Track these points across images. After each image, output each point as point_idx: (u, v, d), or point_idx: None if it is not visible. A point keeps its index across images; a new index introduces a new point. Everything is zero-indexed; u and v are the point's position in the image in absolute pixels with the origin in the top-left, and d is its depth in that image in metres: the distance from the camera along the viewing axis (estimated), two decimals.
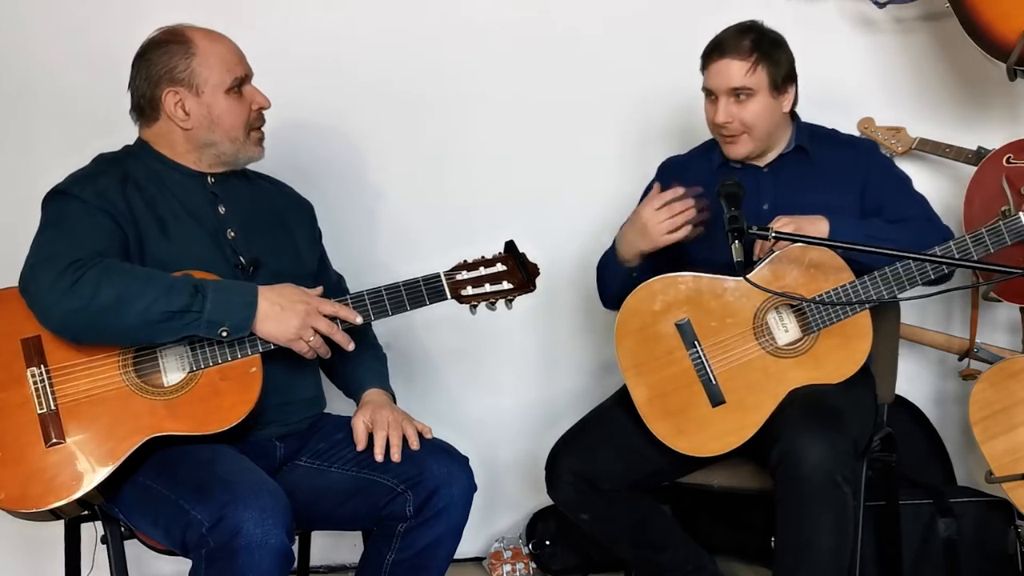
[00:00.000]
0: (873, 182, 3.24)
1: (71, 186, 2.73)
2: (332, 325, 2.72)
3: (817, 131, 3.36)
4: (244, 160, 2.90)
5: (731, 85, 3.15)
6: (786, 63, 3.19)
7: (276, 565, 2.45)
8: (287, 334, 2.68)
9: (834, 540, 2.85)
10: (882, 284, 2.99)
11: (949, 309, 4.18)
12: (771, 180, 3.27)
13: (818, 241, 2.98)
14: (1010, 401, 3.16)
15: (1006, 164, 3.66)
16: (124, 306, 2.55)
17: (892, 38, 4.12)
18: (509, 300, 2.90)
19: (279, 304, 2.67)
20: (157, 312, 2.56)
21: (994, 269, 3.02)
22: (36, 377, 2.61)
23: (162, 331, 2.59)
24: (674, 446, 3.06)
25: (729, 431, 3.03)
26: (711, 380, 3.06)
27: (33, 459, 2.56)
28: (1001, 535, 3.58)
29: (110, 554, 2.73)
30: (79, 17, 3.75)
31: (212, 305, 2.60)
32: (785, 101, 3.22)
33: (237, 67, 2.82)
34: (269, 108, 2.91)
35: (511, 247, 2.93)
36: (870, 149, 3.37)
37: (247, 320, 2.64)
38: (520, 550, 3.99)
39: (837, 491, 2.82)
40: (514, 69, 4.00)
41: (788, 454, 2.83)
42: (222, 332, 2.61)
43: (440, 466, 2.80)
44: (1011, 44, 3.47)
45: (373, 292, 2.82)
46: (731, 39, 3.17)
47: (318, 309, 2.71)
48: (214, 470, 2.57)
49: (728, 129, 3.20)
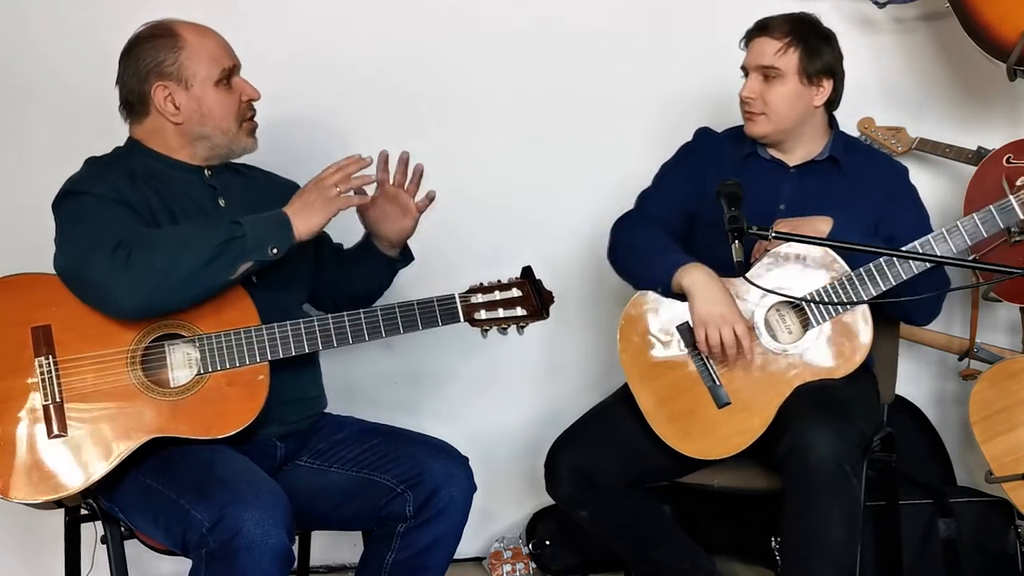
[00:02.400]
0: (894, 210, 3.21)
1: (79, 185, 2.74)
2: (340, 173, 2.75)
3: (854, 143, 3.36)
4: (239, 151, 2.90)
5: (761, 63, 3.15)
6: (827, 57, 3.16)
7: (276, 565, 2.46)
8: (324, 217, 2.73)
9: (844, 531, 2.86)
10: (878, 276, 2.99)
11: (949, 309, 4.16)
12: (795, 183, 3.25)
13: (817, 241, 2.98)
14: (1010, 401, 3.17)
15: (1006, 164, 3.66)
16: (180, 260, 2.58)
17: (892, 38, 4.13)
18: (521, 327, 2.93)
19: (299, 208, 2.72)
20: (208, 250, 2.59)
21: (994, 269, 3.03)
22: (43, 367, 2.60)
23: (218, 268, 2.61)
24: (682, 450, 3.06)
25: (736, 432, 3.04)
26: (715, 382, 3.06)
27: (35, 450, 2.57)
28: (1001, 535, 3.59)
29: (110, 554, 2.73)
30: (79, 17, 3.75)
31: (251, 230, 2.64)
32: (817, 95, 3.18)
33: (224, 59, 2.82)
34: (259, 99, 2.90)
35: (528, 272, 2.94)
36: (901, 175, 3.31)
37: (287, 229, 2.69)
38: (520, 550, 3.99)
39: (846, 482, 2.83)
40: (519, 67, 4.00)
41: (796, 445, 2.83)
42: (272, 250, 2.66)
43: (440, 466, 2.81)
44: (1011, 44, 3.47)
45: (386, 309, 2.82)
46: (775, 20, 3.18)
47: (324, 181, 2.74)
48: (214, 470, 2.57)
49: (750, 105, 3.19)
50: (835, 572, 2.88)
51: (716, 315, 2.99)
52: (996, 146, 3.75)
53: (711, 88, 3.26)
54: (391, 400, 3.88)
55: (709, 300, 3.00)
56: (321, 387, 3.05)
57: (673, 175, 3.39)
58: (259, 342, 2.71)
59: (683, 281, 3.06)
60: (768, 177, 3.22)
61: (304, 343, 2.76)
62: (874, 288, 2.99)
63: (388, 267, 3.10)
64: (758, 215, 2.94)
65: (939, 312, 3.22)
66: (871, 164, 3.30)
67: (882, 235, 3.17)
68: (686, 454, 3.07)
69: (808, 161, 3.26)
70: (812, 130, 3.24)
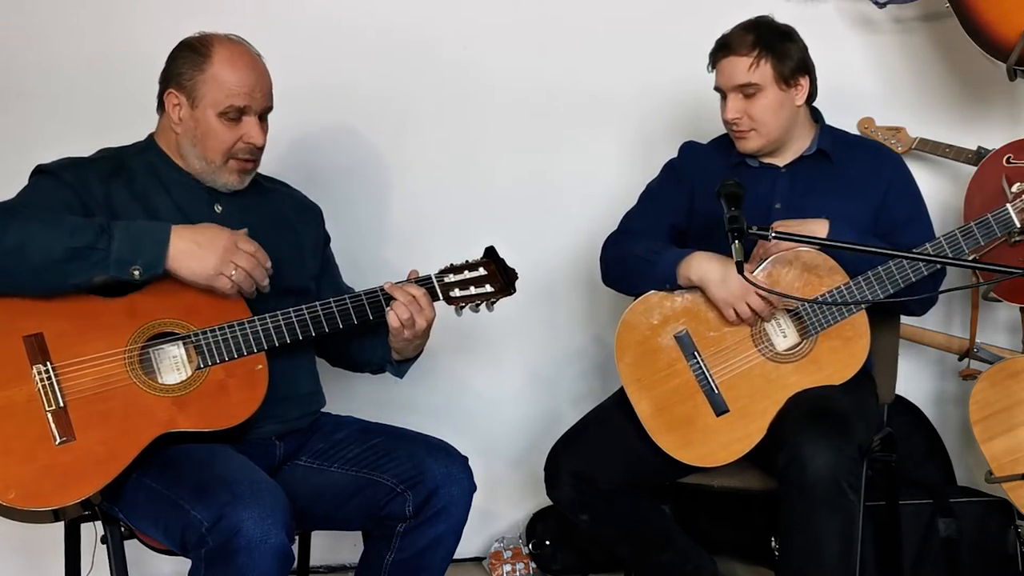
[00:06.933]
0: (891, 200, 3.21)
1: (53, 165, 2.77)
2: (253, 260, 2.71)
3: (842, 136, 3.34)
4: (220, 183, 2.87)
5: (736, 82, 3.14)
6: (796, 55, 3.15)
7: (276, 565, 2.46)
8: (206, 270, 2.66)
9: (840, 546, 2.86)
10: (876, 284, 2.99)
11: (949, 309, 4.19)
12: (788, 181, 3.25)
13: (816, 241, 2.97)
14: (1010, 401, 3.17)
15: (1006, 164, 3.67)
16: (28, 246, 2.55)
17: (892, 38, 4.14)
18: (492, 303, 2.97)
19: (195, 242, 2.66)
20: (60, 250, 2.55)
21: (994, 269, 3.02)
22: (42, 375, 2.59)
23: (69, 271, 2.57)
24: (682, 459, 3.07)
25: (735, 439, 3.04)
26: (713, 390, 3.07)
27: (44, 457, 2.55)
28: (1001, 535, 3.59)
29: (110, 554, 2.72)
30: (81, 22, 3.77)
31: (120, 244, 2.59)
32: (797, 94, 3.17)
33: (240, 97, 2.80)
34: (261, 146, 2.88)
35: (491, 252, 2.99)
36: (896, 163, 3.30)
37: (159, 258, 2.62)
38: (520, 550, 4.00)
39: (843, 498, 2.82)
40: (515, 70, 4.03)
41: (794, 460, 2.83)
42: (133, 271, 2.61)
43: (440, 466, 2.81)
44: (1011, 44, 3.48)
45: (370, 293, 2.87)
46: (735, 37, 3.16)
47: (237, 244, 2.70)
48: (214, 470, 2.57)
49: (738, 125, 3.18)
50: None
51: (736, 293, 3.02)
52: (996, 146, 3.77)
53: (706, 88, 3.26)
54: (390, 400, 3.88)
55: (723, 283, 3.03)
56: (318, 383, 3.05)
57: (660, 191, 3.41)
58: (253, 333, 2.73)
59: (691, 274, 3.08)
60: (760, 180, 3.22)
61: (297, 330, 2.79)
62: (871, 295, 2.99)
63: (384, 355, 3.07)
64: (755, 218, 2.95)
65: (936, 302, 3.21)
66: (863, 153, 3.30)
67: (881, 228, 3.18)
68: (688, 463, 3.07)
69: (798, 158, 3.26)
70: (799, 129, 3.25)
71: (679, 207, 3.34)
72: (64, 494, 2.55)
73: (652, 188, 3.42)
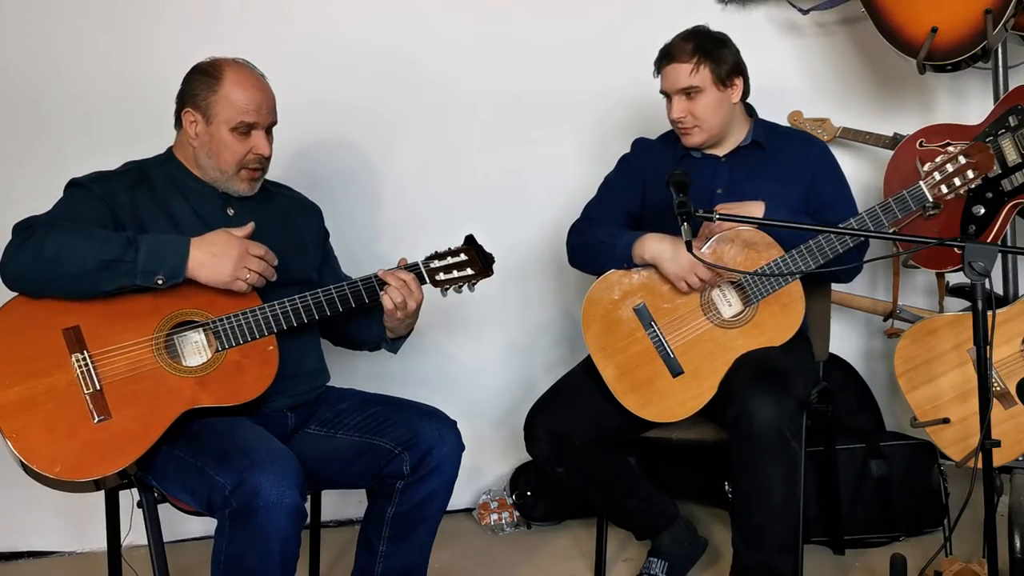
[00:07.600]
0: (819, 182, 3.23)
1: (84, 179, 2.78)
2: (263, 263, 2.75)
3: (773, 128, 3.34)
4: (232, 191, 2.89)
5: (679, 86, 3.16)
6: (730, 59, 3.16)
7: (291, 521, 2.48)
8: (223, 277, 2.69)
9: (785, 488, 2.88)
10: (808, 256, 3.01)
11: (873, 276, 4.21)
12: (727, 169, 3.25)
13: (755, 220, 3.00)
14: (930, 355, 3.17)
15: (919, 147, 3.69)
16: (65, 257, 2.58)
17: (816, 40, 4.15)
18: (472, 284, 2.98)
19: (211, 252, 2.69)
20: (92, 262, 2.58)
21: (911, 239, 3.07)
22: (80, 362, 2.61)
23: (102, 280, 2.60)
24: (644, 416, 3.08)
25: (690, 397, 3.06)
26: (669, 354, 3.08)
27: (85, 434, 2.56)
28: (926, 473, 3.59)
29: (146, 517, 2.73)
30: (103, 50, 3.75)
31: (145, 256, 2.62)
32: (734, 93, 3.19)
33: (249, 114, 2.81)
34: (268, 156, 2.89)
35: (471, 240, 3.00)
36: (821, 150, 3.31)
37: (179, 268, 2.65)
38: (505, 501, 4.00)
39: (787, 446, 2.84)
40: (487, 82, 4.03)
41: (743, 414, 2.85)
42: (158, 280, 2.64)
43: (431, 429, 2.83)
44: (920, 42, 3.50)
45: (365, 279, 2.87)
46: (676, 45, 3.17)
47: (248, 251, 2.73)
48: (234, 439, 2.59)
49: (683, 123, 3.20)
50: (780, 520, 2.91)
51: (686, 268, 3.03)
52: (910, 132, 3.77)
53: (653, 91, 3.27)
54: (386, 373, 3.88)
55: (673, 260, 3.04)
56: (323, 361, 3.06)
57: (616, 182, 3.42)
58: (264, 319, 2.75)
59: (645, 253, 3.09)
60: (704, 169, 3.23)
61: (302, 314, 2.80)
62: (804, 266, 3.01)
63: (380, 333, 3.05)
64: (700, 202, 2.98)
65: (861, 270, 3.23)
66: (792, 142, 3.32)
67: (811, 207, 3.20)
68: (648, 419, 3.09)
69: (736, 149, 3.28)
70: (736, 123, 3.26)
71: (634, 196, 3.36)
72: (103, 466, 2.57)
73: (609, 180, 3.44)
